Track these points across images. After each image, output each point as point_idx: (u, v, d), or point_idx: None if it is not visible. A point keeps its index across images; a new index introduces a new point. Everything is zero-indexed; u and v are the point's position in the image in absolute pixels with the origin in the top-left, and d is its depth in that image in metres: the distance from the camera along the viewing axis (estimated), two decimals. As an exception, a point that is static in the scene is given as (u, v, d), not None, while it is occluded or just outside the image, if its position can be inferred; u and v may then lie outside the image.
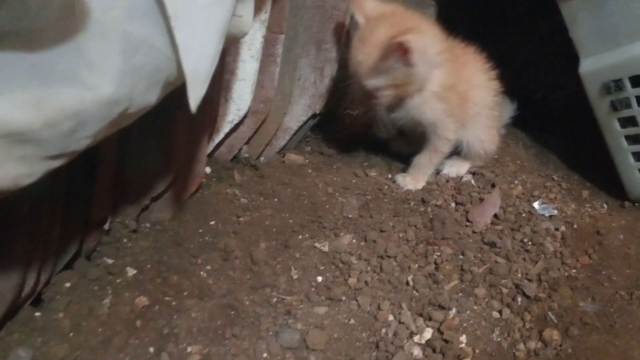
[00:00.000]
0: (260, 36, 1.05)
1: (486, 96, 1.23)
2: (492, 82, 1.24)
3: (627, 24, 1.06)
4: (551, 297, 0.99)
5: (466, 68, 1.18)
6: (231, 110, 1.11)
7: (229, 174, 1.18)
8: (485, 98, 1.23)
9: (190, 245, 1.02)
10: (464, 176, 1.26)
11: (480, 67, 1.22)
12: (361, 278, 0.99)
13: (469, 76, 1.18)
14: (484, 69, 1.23)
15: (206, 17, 0.61)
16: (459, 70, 1.16)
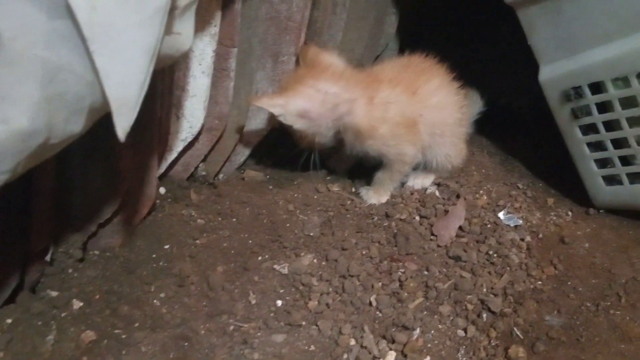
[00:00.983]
0: (210, 50, 1.00)
1: (447, 115, 1.19)
2: (453, 98, 1.20)
3: (584, 30, 1.04)
4: (517, 312, 0.96)
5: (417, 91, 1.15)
6: (184, 128, 1.06)
7: (185, 194, 1.14)
8: (447, 117, 1.19)
9: (143, 272, 0.98)
10: (428, 188, 1.24)
11: (437, 85, 1.18)
12: (322, 300, 0.95)
13: (419, 99, 1.15)
14: (441, 87, 1.19)
15: (130, 39, 0.57)
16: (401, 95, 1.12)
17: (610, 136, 1.10)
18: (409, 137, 1.14)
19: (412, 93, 1.13)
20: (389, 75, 1.15)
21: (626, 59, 1.00)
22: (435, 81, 1.17)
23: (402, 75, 1.15)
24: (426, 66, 1.20)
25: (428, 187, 1.24)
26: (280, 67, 1.14)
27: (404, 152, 1.15)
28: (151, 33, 0.60)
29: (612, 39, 1.01)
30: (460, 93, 1.23)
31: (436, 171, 1.26)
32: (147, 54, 0.60)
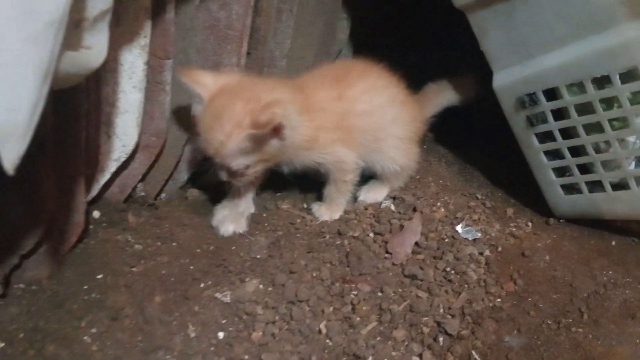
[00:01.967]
0: (141, 63, 0.93)
1: (379, 119, 1.13)
2: (387, 100, 1.14)
3: (537, 34, 1.00)
4: (475, 334, 0.91)
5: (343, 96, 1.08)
6: (116, 147, 0.99)
7: (122, 217, 1.06)
8: (379, 121, 1.13)
9: (73, 306, 0.89)
10: (383, 202, 1.18)
11: (365, 88, 1.12)
12: (267, 331, 0.88)
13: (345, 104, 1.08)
14: (371, 89, 1.12)
15: (16, 58, 0.50)
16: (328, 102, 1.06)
17: (568, 144, 1.06)
18: (344, 143, 1.08)
19: (338, 98, 1.07)
20: (315, 82, 1.09)
21: (581, 64, 0.96)
22: (362, 85, 1.11)
23: (328, 81, 1.10)
24: (356, 69, 1.14)
25: (382, 201, 1.18)
26: (222, 79, 1.07)
27: (343, 160, 1.09)
28: (43, 50, 0.53)
29: (566, 42, 0.97)
30: (401, 93, 1.17)
31: (387, 179, 1.20)
32: (38, 74, 0.53)
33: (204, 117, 0.97)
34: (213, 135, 0.95)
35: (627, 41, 0.90)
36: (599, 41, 0.93)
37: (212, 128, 0.95)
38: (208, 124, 0.96)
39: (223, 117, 0.94)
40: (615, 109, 0.97)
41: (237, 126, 0.93)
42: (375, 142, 1.13)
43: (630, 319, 0.93)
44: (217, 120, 0.95)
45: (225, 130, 0.94)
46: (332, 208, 1.14)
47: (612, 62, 0.93)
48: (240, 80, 1.01)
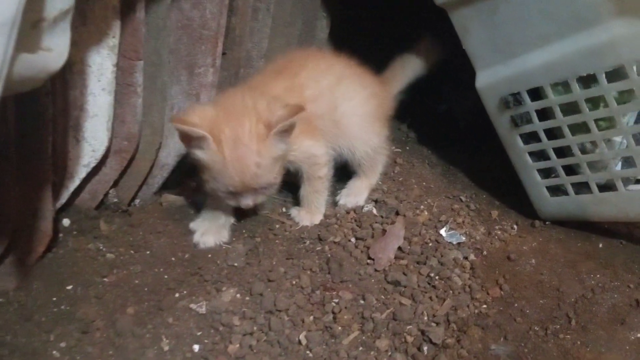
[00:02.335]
0: (110, 64, 0.89)
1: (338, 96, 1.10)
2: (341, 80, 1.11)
3: (521, 32, 0.97)
4: (460, 342, 0.88)
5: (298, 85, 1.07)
6: (85, 152, 0.94)
7: (93, 225, 1.02)
8: (336, 99, 1.09)
9: (41, 319, 0.86)
10: (364, 206, 1.14)
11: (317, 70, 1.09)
12: (244, 342, 0.85)
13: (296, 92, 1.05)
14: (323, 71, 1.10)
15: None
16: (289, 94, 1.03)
17: (553, 144, 1.03)
18: (308, 135, 1.05)
19: (290, 89, 1.05)
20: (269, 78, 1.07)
21: (566, 62, 0.94)
22: (306, 71, 1.08)
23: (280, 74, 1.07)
24: (298, 58, 1.12)
25: (364, 204, 1.15)
26: (197, 80, 1.04)
27: (313, 153, 1.06)
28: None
29: (551, 41, 0.95)
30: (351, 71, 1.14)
31: (363, 171, 1.17)
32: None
33: (227, 158, 0.91)
34: (243, 162, 0.91)
35: (614, 39, 0.88)
36: (584, 39, 0.90)
37: (239, 157, 0.91)
38: (231, 156, 0.91)
39: (243, 144, 0.91)
40: (601, 109, 0.95)
41: (260, 143, 0.91)
42: (335, 126, 1.10)
43: (619, 324, 0.91)
44: (239, 146, 0.91)
45: (253, 148, 0.91)
46: (312, 211, 1.10)
47: (598, 61, 0.90)
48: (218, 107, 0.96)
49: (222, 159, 0.91)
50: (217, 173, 0.93)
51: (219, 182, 0.94)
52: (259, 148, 0.91)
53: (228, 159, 0.91)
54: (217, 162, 0.91)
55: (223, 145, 0.90)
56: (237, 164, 0.91)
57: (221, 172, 0.92)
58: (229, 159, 0.91)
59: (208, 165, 0.93)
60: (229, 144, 0.90)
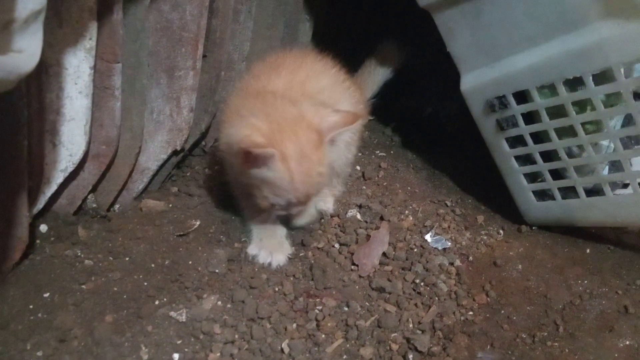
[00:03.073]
0: (87, 67, 0.87)
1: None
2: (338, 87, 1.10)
3: (506, 34, 0.96)
4: (446, 350, 0.87)
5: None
6: (62, 157, 0.92)
7: (71, 231, 0.99)
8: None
9: (17, 327, 0.83)
10: (348, 211, 1.12)
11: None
12: (225, 351, 0.83)
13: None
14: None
15: None
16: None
17: (539, 148, 1.02)
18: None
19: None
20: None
21: (552, 65, 0.93)
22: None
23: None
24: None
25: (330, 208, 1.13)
26: (177, 83, 1.02)
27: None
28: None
29: (537, 43, 0.94)
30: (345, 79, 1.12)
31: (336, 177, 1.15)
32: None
33: (287, 169, 0.88)
34: (309, 174, 0.89)
35: (601, 41, 0.87)
36: (571, 41, 0.90)
37: (305, 170, 0.89)
38: (298, 170, 0.88)
39: (305, 152, 0.88)
40: (588, 112, 0.94)
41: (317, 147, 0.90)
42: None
43: (607, 331, 0.90)
44: (304, 159, 0.88)
45: (314, 158, 0.89)
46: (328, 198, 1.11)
47: (585, 63, 0.89)
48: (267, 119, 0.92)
49: (289, 174, 0.88)
50: (281, 188, 0.90)
51: (281, 196, 0.91)
52: (319, 157, 0.90)
53: (295, 173, 0.88)
54: (284, 178, 0.89)
55: (289, 161, 0.87)
56: (304, 176, 0.89)
57: (286, 186, 0.90)
58: (296, 173, 0.88)
59: (273, 182, 0.90)
60: (294, 158, 0.88)
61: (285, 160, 0.87)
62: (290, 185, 0.89)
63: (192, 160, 1.25)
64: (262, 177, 0.90)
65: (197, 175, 1.22)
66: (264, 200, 0.93)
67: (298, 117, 0.91)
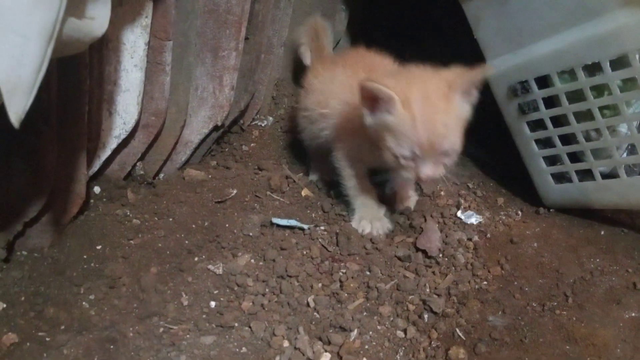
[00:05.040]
0: (142, 43, 0.96)
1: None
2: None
3: (530, 22, 1.02)
4: (459, 312, 0.93)
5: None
6: (117, 124, 1.02)
7: (121, 193, 1.09)
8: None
9: (73, 274, 0.93)
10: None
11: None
12: (257, 301, 0.91)
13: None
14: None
15: (22, 20, 0.53)
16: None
17: (559, 132, 1.07)
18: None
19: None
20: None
21: (572, 51, 0.99)
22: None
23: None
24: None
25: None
26: (221, 62, 1.11)
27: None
28: (48, 14, 0.56)
29: (558, 30, 0.99)
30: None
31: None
32: (43, 36, 0.56)
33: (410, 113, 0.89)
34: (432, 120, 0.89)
35: (618, 28, 0.92)
36: (590, 28, 0.95)
37: (428, 115, 0.89)
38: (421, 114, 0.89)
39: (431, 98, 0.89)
40: (605, 97, 0.99)
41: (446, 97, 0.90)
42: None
43: (615, 304, 0.95)
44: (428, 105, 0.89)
45: (441, 106, 0.90)
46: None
47: (602, 49, 0.95)
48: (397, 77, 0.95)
49: (411, 119, 0.89)
50: (403, 135, 0.90)
51: (403, 145, 0.91)
52: (446, 107, 0.90)
53: (418, 117, 0.89)
54: (406, 122, 0.89)
55: (412, 105, 0.89)
56: (427, 122, 0.89)
57: (408, 132, 0.90)
58: (418, 117, 0.89)
59: (394, 128, 0.91)
60: (417, 102, 0.89)
61: (409, 104, 0.89)
62: (412, 130, 0.89)
63: (230, 137, 1.34)
64: (385, 124, 0.92)
65: (234, 151, 1.31)
66: (388, 153, 0.94)
67: (432, 72, 0.94)
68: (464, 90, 0.92)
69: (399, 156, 0.93)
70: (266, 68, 1.27)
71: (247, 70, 1.20)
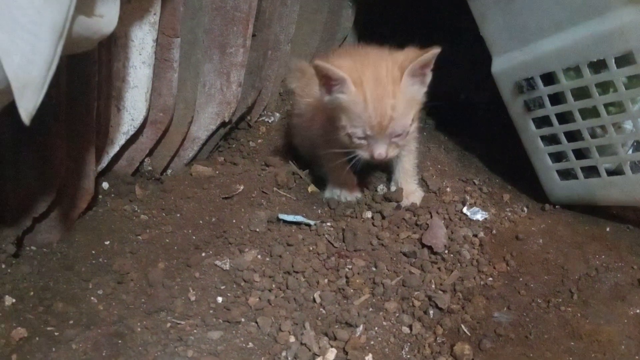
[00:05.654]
0: (151, 40, 0.97)
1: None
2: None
3: (535, 20, 1.02)
4: (465, 308, 0.94)
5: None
6: (125, 121, 1.03)
7: (129, 189, 1.10)
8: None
9: (81, 269, 0.95)
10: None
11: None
12: (263, 297, 0.92)
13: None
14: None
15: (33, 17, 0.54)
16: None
17: (564, 129, 1.08)
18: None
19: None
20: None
21: (577, 48, 0.98)
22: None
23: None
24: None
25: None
26: (228, 59, 1.11)
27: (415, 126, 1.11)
28: (58, 11, 0.57)
29: (563, 28, 0.99)
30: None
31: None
32: (54, 33, 0.57)
33: (362, 94, 0.95)
34: (382, 102, 0.94)
35: (623, 26, 0.92)
36: (595, 26, 0.95)
37: (378, 97, 0.94)
38: (372, 96, 0.94)
39: (381, 81, 0.94)
40: (610, 94, 0.99)
41: (395, 80, 0.95)
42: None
43: (620, 300, 0.95)
44: (378, 87, 0.94)
45: (389, 89, 0.94)
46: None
47: (608, 47, 0.95)
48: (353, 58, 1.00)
49: (362, 99, 0.94)
50: (356, 115, 0.96)
51: (356, 125, 0.97)
52: (394, 90, 0.94)
53: (369, 98, 0.94)
54: (358, 103, 0.95)
55: (364, 86, 0.94)
56: (377, 104, 0.94)
57: (360, 113, 0.95)
58: (369, 99, 0.94)
59: (348, 108, 0.96)
60: (369, 84, 0.94)
61: (361, 86, 0.94)
62: (364, 112, 0.94)
63: (237, 133, 1.35)
64: (339, 103, 0.97)
65: (241, 147, 1.32)
66: (343, 132, 0.99)
67: (387, 55, 0.98)
68: (416, 72, 0.96)
69: (352, 135, 0.98)
70: (273, 64, 1.27)
71: (254, 66, 1.21)
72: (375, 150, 0.99)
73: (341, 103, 0.97)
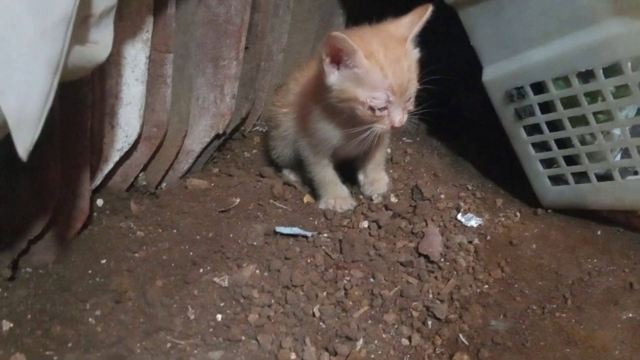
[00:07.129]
0: (144, 57, 0.97)
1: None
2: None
3: (524, 30, 1.03)
4: (462, 318, 0.95)
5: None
6: (119, 137, 1.02)
7: (124, 205, 1.10)
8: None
9: (78, 289, 0.94)
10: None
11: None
12: (263, 313, 0.93)
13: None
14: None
15: (29, 52, 0.54)
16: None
17: (554, 136, 1.09)
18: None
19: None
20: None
21: (565, 59, 1.00)
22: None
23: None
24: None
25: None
26: (221, 72, 1.11)
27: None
28: (54, 45, 0.57)
29: (552, 38, 1.01)
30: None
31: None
32: (50, 67, 0.56)
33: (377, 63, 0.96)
34: (398, 63, 0.97)
35: (610, 37, 0.94)
36: (583, 37, 0.97)
37: (393, 60, 0.97)
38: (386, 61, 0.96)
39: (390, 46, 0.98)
40: (599, 102, 1.01)
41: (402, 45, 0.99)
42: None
43: (612, 304, 0.97)
44: (390, 51, 0.97)
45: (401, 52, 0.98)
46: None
47: (595, 57, 0.96)
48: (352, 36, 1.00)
49: (379, 68, 0.96)
50: (374, 85, 0.98)
51: (376, 95, 0.98)
52: (404, 51, 0.99)
53: (384, 65, 0.96)
54: (375, 71, 0.96)
55: (376, 55, 0.96)
56: (394, 68, 0.97)
57: (379, 81, 0.97)
58: (385, 65, 0.96)
59: (364, 80, 0.98)
60: (380, 53, 0.97)
61: (372, 56, 0.96)
62: (383, 79, 0.97)
63: (232, 144, 1.35)
64: (354, 79, 0.98)
65: (236, 157, 1.32)
66: (362, 109, 1.00)
67: (380, 27, 1.05)
68: (415, 37, 1.02)
69: (374, 107, 0.99)
70: (266, 75, 1.27)
71: (247, 78, 1.21)
72: (395, 117, 1.01)
73: (357, 77, 0.98)
